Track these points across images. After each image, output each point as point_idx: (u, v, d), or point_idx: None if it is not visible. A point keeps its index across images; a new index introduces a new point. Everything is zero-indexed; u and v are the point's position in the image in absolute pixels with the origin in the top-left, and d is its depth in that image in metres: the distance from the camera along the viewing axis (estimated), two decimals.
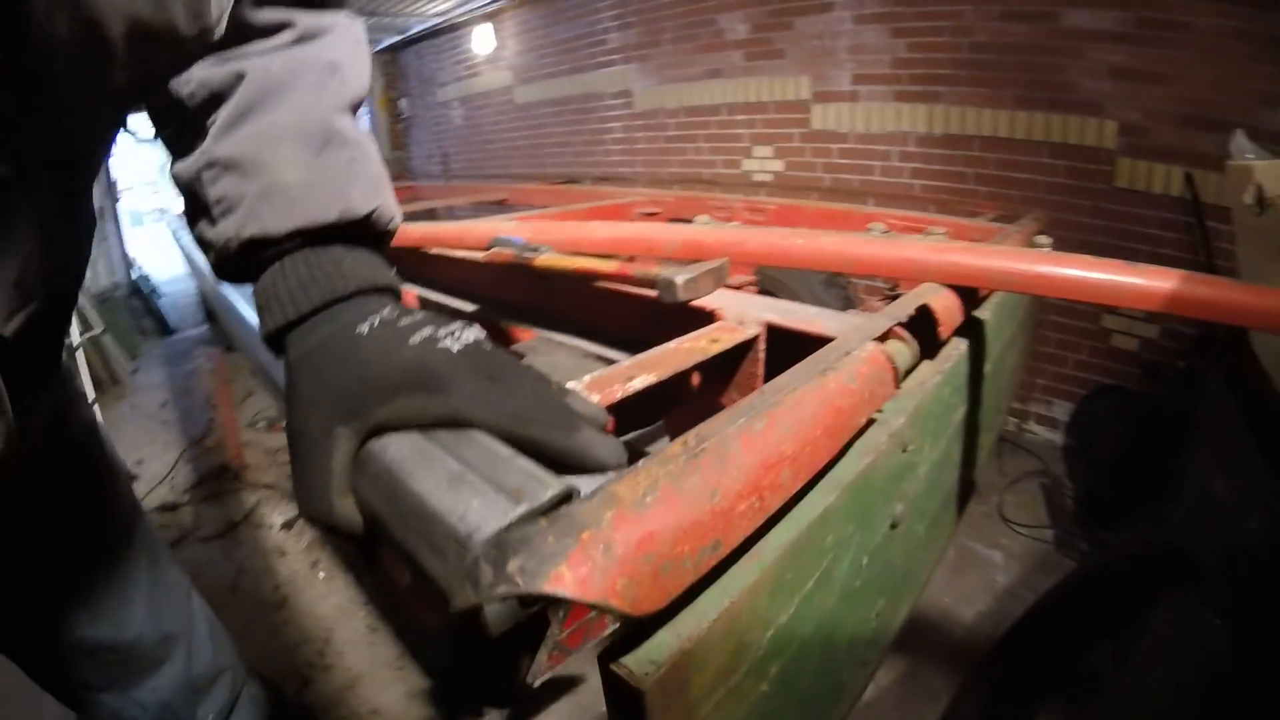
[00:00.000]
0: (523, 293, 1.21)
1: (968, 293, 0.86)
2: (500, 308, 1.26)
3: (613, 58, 4.38)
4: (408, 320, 0.41)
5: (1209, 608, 0.98)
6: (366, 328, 0.40)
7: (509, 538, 0.30)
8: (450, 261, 1.38)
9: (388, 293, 0.45)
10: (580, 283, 1.02)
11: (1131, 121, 2.38)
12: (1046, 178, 2.61)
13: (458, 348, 0.39)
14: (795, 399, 0.45)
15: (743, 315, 0.82)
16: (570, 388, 0.41)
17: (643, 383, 0.63)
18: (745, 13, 3.51)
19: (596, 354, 0.99)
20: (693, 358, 0.70)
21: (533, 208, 2.56)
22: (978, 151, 2.76)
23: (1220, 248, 2.10)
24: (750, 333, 0.79)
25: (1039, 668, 1.33)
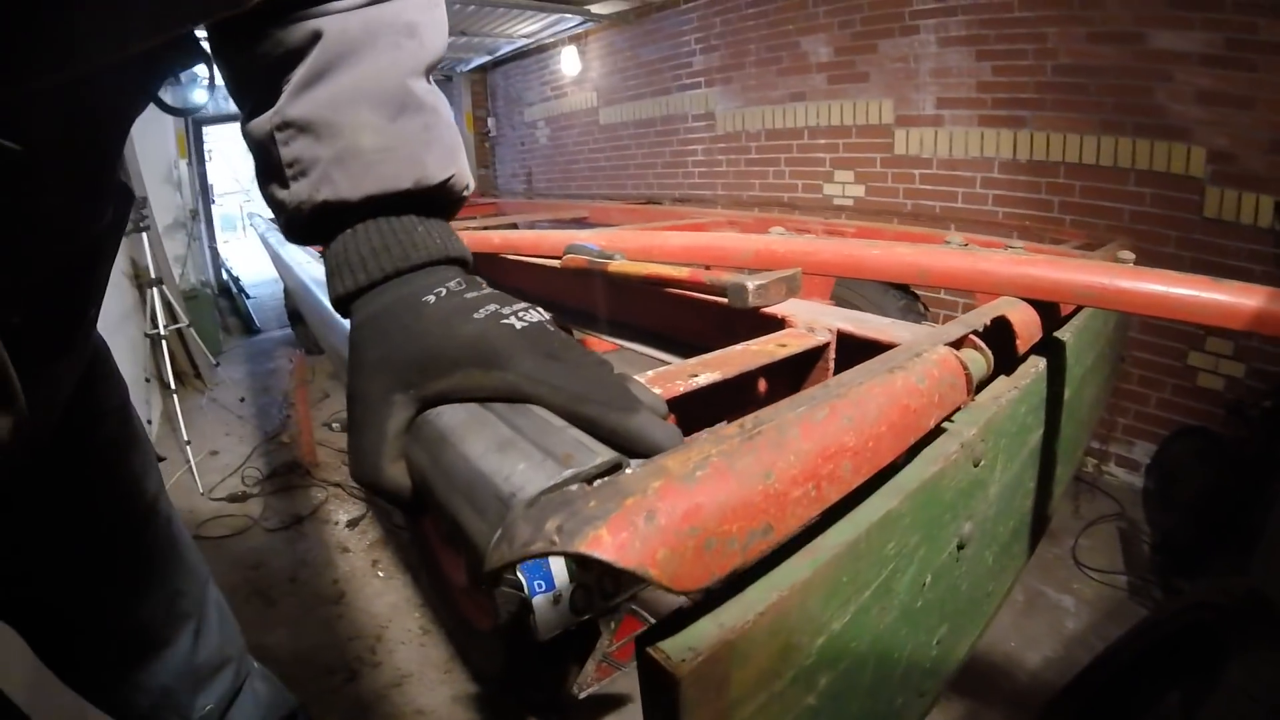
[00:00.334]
0: (595, 299, 1.22)
1: (1047, 310, 0.81)
2: (573, 314, 1.28)
3: (696, 80, 4.43)
4: (474, 294, 0.41)
5: None
6: (433, 298, 0.40)
7: (550, 499, 0.29)
8: (526, 267, 1.41)
9: (458, 264, 0.45)
10: (652, 289, 1.02)
11: (1220, 148, 2.26)
12: (1133, 206, 2.49)
13: (520, 325, 0.38)
14: (860, 392, 0.43)
15: (813, 322, 0.80)
16: (633, 377, 0.40)
17: (706, 379, 0.61)
18: (828, 35, 3.50)
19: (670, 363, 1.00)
20: (759, 360, 0.68)
21: (612, 226, 2.59)
22: (1063, 178, 2.66)
23: None
24: (820, 339, 0.76)
25: (1104, 718, 1.23)
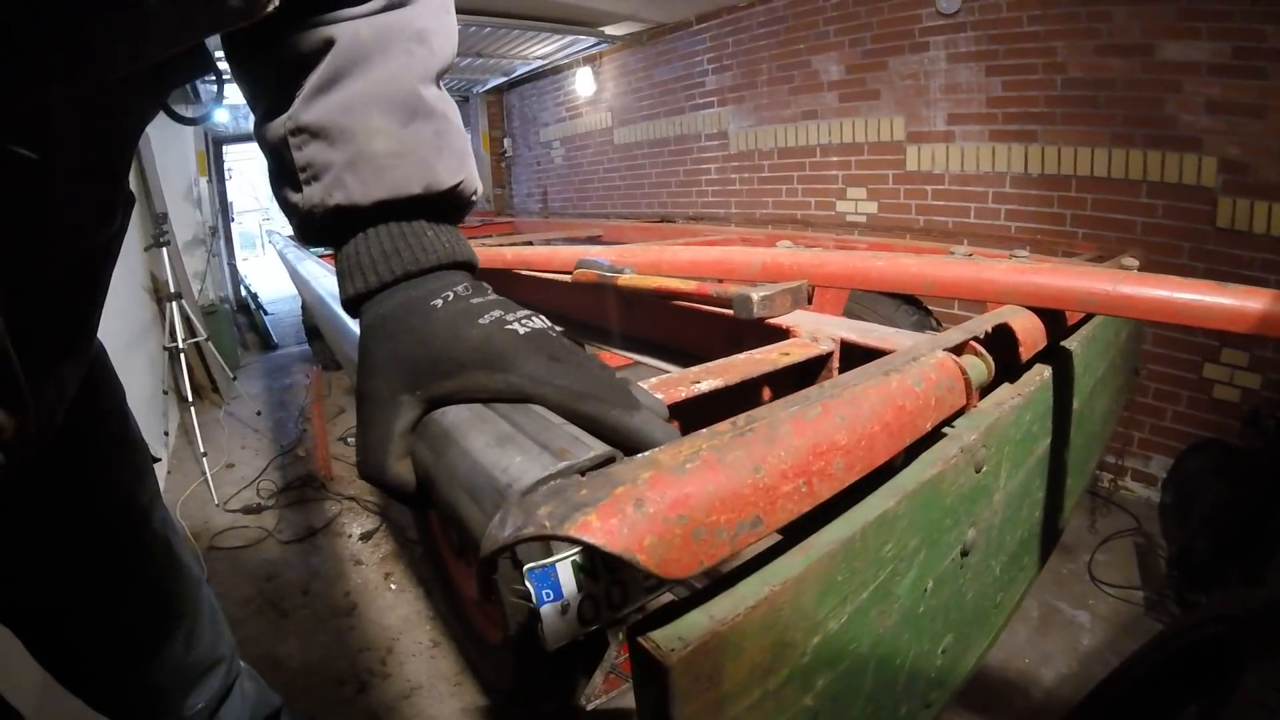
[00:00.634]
0: (606, 313, 1.23)
1: (1053, 319, 0.81)
2: (585, 329, 1.30)
3: (709, 99, 4.47)
4: (480, 299, 0.42)
5: None
6: (440, 302, 0.41)
7: (544, 488, 0.30)
8: (538, 283, 1.43)
9: (465, 268, 0.47)
10: (660, 302, 1.03)
11: (1232, 158, 2.25)
12: (1145, 218, 2.48)
13: (524, 331, 0.40)
14: (855, 392, 0.43)
15: (818, 332, 0.81)
16: (635, 381, 0.41)
17: (708, 386, 0.62)
18: (839, 53, 3.53)
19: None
20: (761, 368, 0.69)
21: (626, 244, 2.61)
22: (1074, 191, 2.65)
23: None
24: (824, 349, 0.77)
25: None
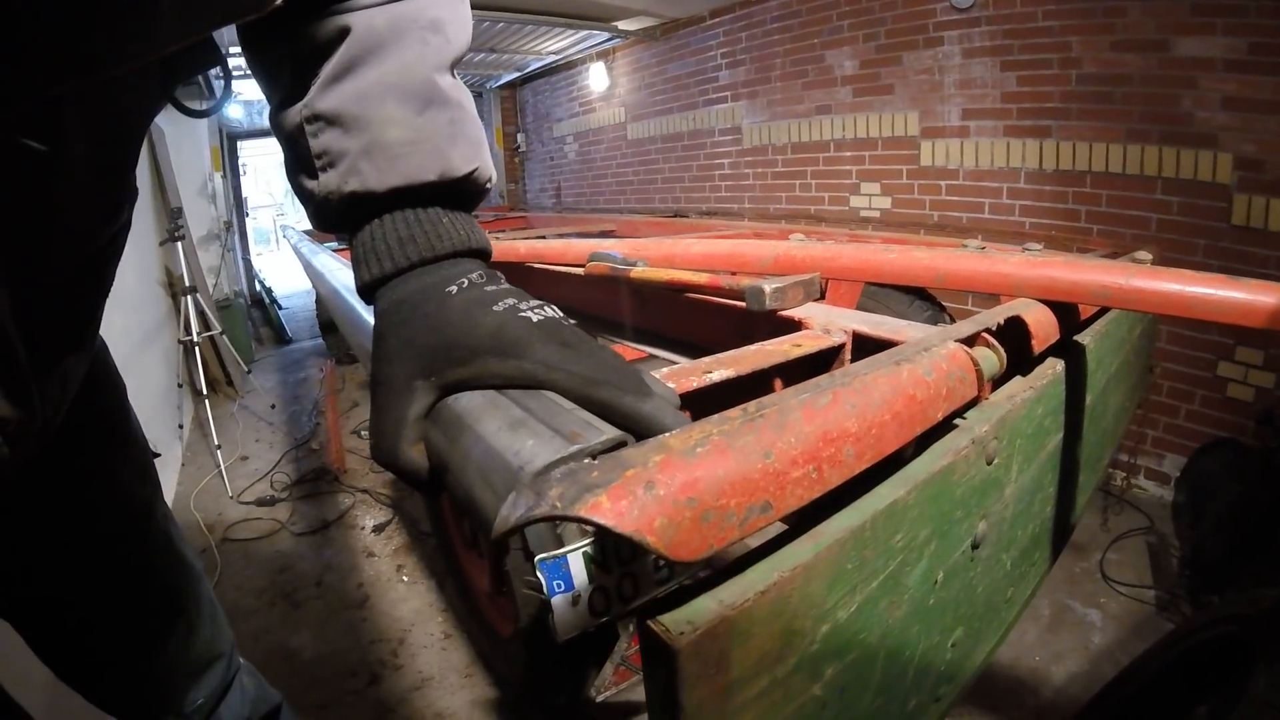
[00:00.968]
0: (618, 306, 1.23)
1: (1065, 313, 0.81)
2: (597, 322, 1.30)
3: (723, 94, 4.46)
4: (493, 288, 0.43)
5: None
6: (455, 289, 0.42)
7: (555, 471, 0.30)
8: (551, 276, 1.44)
9: (479, 255, 0.47)
10: (673, 295, 1.03)
11: (1248, 154, 2.22)
12: (1160, 215, 2.46)
13: (537, 319, 0.40)
14: (865, 381, 0.43)
15: (829, 324, 0.80)
16: (647, 370, 0.41)
17: (719, 376, 0.63)
18: (853, 48, 3.51)
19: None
20: (773, 359, 0.69)
21: (638, 239, 2.61)
22: (1089, 187, 2.63)
23: None
24: (836, 340, 0.77)
25: None
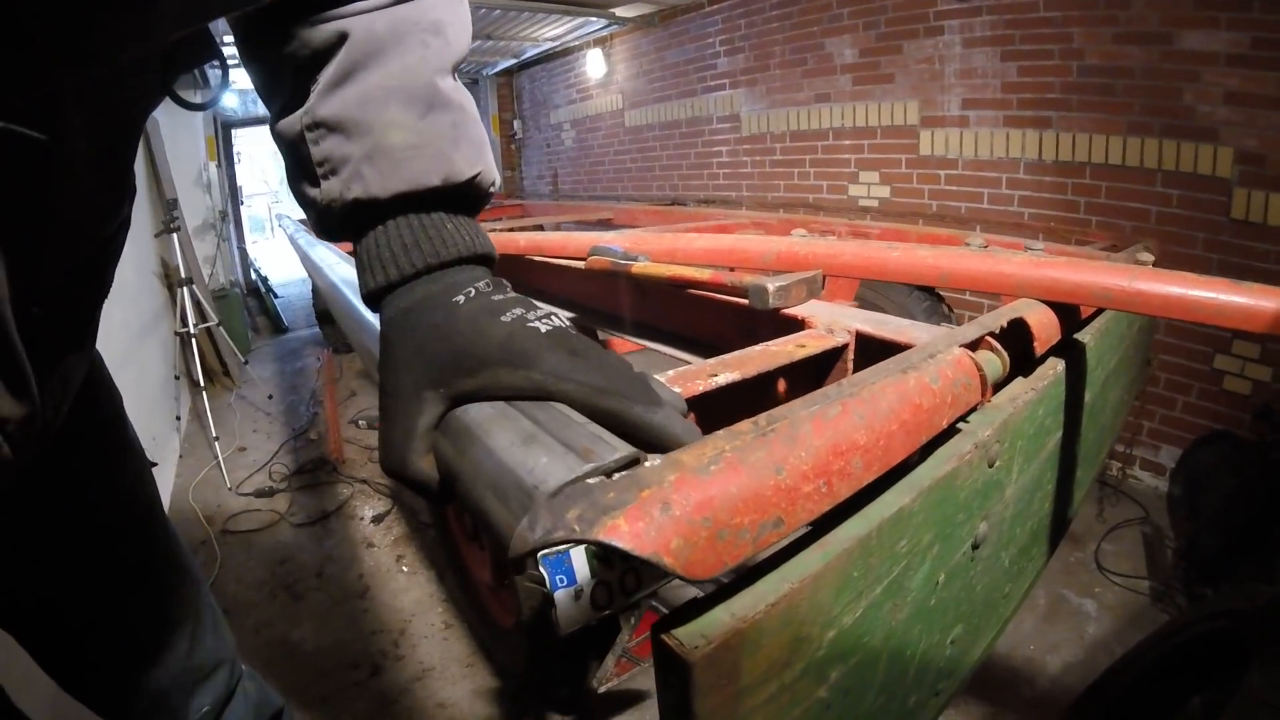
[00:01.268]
0: (618, 301, 1.23)
1: (1067, 312, 0.81)
2: (597, 315, 1.30)
3: (721, 82, 4.44)
4: (500, 297, 0.42)
5: None
6: (462, 298, 0.42)
7: (571, 490, 0.30)
8: (551, 269, 1.43)
9: (484, 261, 0.47)
10: (674, 291, 1.03)
11: (1249, 149, 2.22)
12: (1159, 207, 2.46)
13: (545, 329, 0.40)
14: (873, 391, 0.44)
15: (833, 324, 0.81)
16: (653, 376, 0.41)
17: (725, 379, 0.63)
18: (853, 37, 3.49)
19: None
20: (778, 361, 0.70)
21: (637, 228, 2.59)
22: (1089, 179, 2.63)
23: None
24: (839, 340, 0.77)
25: None
